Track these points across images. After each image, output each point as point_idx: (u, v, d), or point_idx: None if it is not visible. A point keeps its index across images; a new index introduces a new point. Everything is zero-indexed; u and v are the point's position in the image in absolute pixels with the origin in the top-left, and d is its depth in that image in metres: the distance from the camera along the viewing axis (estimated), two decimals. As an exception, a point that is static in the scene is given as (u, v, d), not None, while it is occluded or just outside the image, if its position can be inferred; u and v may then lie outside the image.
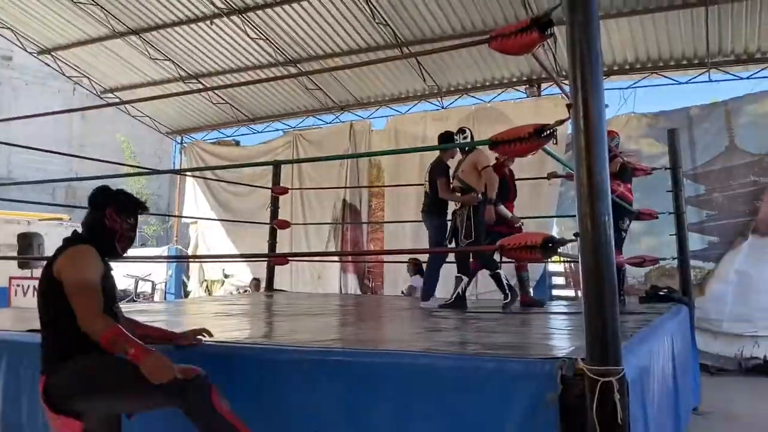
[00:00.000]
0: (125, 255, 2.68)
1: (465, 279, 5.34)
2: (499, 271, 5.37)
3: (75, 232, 2.63)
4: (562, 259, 9.00)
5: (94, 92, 12.32)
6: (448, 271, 5.63)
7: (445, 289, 6.03)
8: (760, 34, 8.27)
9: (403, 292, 9.60)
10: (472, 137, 5.66)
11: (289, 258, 8.71)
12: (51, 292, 2.45)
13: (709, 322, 8.18)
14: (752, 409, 6.17)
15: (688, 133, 8.67)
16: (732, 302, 8.18)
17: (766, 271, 8.10)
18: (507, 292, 5.32)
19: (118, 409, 2.47)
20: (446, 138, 5.54)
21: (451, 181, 5.54)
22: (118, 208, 2.58)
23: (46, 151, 6.68)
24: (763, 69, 8.72)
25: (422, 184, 5.80)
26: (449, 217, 5.63)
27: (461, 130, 5.60)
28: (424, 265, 6.42)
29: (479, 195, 5.28)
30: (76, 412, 2.36)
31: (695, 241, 8.28)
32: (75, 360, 2.38)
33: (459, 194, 5.40)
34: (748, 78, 8.86)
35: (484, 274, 6.06)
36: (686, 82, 9.37)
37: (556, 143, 4.40)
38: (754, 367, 8.03)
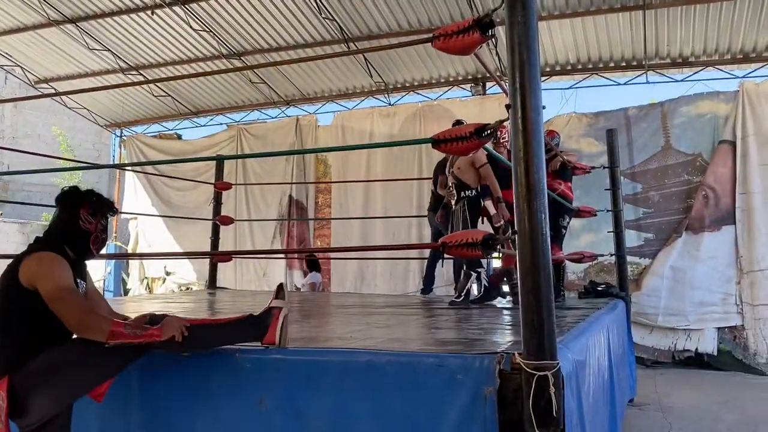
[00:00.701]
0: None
1: (474, 274, 5.26)
2: (480, 269, 5.37)
3: (45, 232, 2.60)
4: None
5: (28, 82, 11.82)
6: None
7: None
8: (694, 39, 8.60)
9: (297, 288, 9.66)
10: None
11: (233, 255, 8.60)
12: (11, 294, 2.42)
13: (645, 316, 8.47)
14: (685, 399, 6.44)
15: (626, 132, 8.95)
16: (666, 297, 8.49)
17: (698, 267, 8.44)
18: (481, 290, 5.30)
19: (89, 381, 2.42)
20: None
21: (448, 176, 5.47)
22: (93, 209, 2.57)
23: (-25, 143, 6.31)
24: (697, 72, 9.08)
25: (370, 181, 5.78)
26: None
27: (459, 122, 5.45)
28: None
29: (473, 192, 5.25)
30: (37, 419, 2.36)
31: (632, 238, 8.57)
32: (41, 356, 2.36)
33: (453, 191, 5.34)
34: (683, 80, 9.20)
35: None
36: (625, 83, 9.67)
37: (496, 142, 4.47)
38: (686, 359, 8.37)
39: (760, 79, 8.70)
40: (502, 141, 5.30)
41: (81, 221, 2.54)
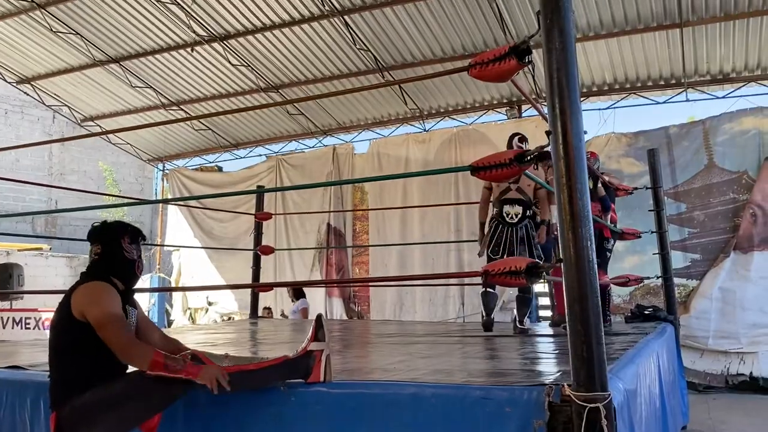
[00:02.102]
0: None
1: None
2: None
3: (89, 267, 2.69)
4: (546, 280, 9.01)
5: (74, 120, 12.25)
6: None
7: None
8: (734, 55, 8.44)
9: (284, 315, 9.63)
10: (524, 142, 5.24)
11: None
12: (63, 326, 2.51)
13: (695, 339, 8.21)
14: (741, 426, 6.19)
15: (667, 151, 8.78)
16: (716, 319, 8.23)
17: (749, 287, 8.16)
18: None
19: (136, 416, 2.44)
20: (509, 139, 5.28)
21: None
22: (131, 238, 2.71)
23: (26, 182, 6.54)
24: (738, 87, 8.89)
25: (407, 207, 5.73)
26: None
27: (517, 136, 5.28)
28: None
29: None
30: None
31: (678, 259, 8.34)
32: (88, 392, 2.40)
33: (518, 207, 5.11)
34: (723, 97, 9.02)
35: (478, 296, 5.92)
36: (664, 102, 9.52)
37: (537, 168, 4.42)
38: (740, 384, 8.06)
39: (804, 92, 8.47)
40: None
41: (125, 251, 2.66)
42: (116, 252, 2.64)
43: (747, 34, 8.03)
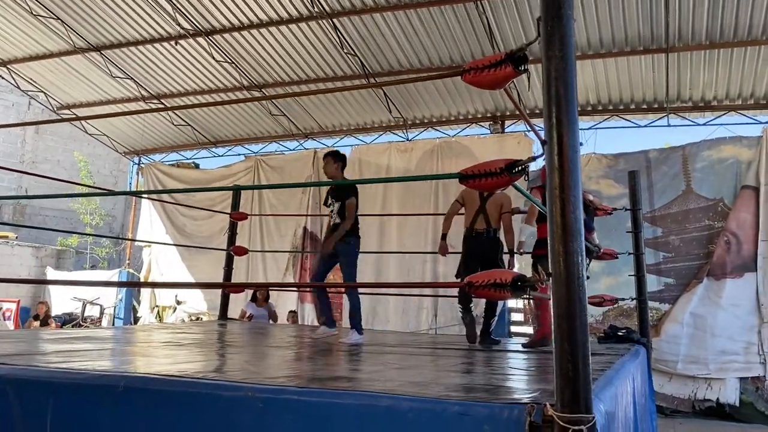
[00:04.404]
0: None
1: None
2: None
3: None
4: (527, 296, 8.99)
5: (50, 108, 11.97)
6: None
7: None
8: (716, 83, 8.54)
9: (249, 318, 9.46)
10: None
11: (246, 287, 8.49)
12: None
13: (665, 363, 8.25)
14: (707, 452, 6.18)
15: (646, 175, 8.85)
16: (686, 344, 8.28)
17: (719, 313, 8.23)
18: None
19: None
20: None
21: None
22: None
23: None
24: (719, 116, 9.00)
25: (385, 215, 5.70)
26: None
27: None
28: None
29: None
30: None
31: (652, 282, 8.37)
32: None
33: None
34: (705, 124, 9.13)
35: (451, 308, 5.91)
36: (646, 126, 9.60)
37: (527, 180, 4.36)
38: (707, 409, 8.11)
39: (784, 125, 8.60)
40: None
41: None
42: None
43: (731, 64, 8.13)
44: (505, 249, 5.40)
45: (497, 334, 6.11)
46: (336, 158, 5.51)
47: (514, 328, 9.79)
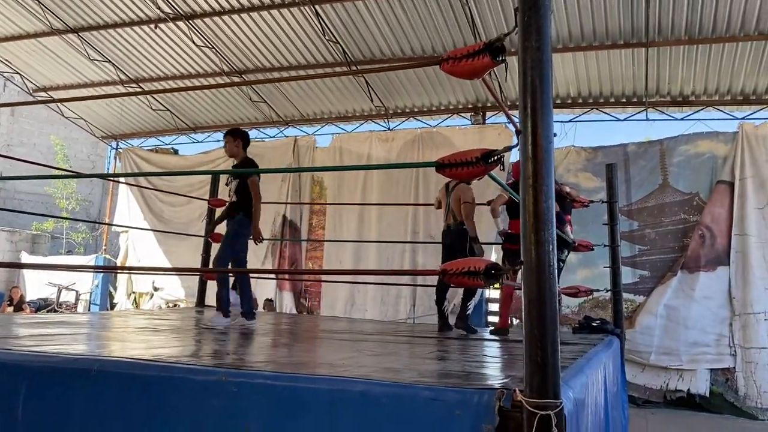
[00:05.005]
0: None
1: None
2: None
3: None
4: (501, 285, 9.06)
5: (26, 90, 11.77)
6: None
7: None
8: (695, 78, 8.64)
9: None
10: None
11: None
12: None
13: (638, 354, 8.38)
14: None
15: (624, 169, 8.94)
16: (660, 335, 8.42)
17: (693, 306, 8.38)
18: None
19: None
20: None
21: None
22: None
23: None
24: (696, 111, 9.11)
25: (365, 204, 5.72)
26: None
27: None
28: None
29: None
30: None
31: (627, 275, 8.48)
32: None
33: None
34: (682, 119, 9.24)
35: (429, 298, 5.98)
36: (625, 119, 9.68)
37: (503, 169, 4.39)
38: (678, 400, 8.26)
39: (759, 121, 8.74)
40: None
41: None
42: None
43: (709, 59, 8.23)
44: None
45: (474, 324, 6.18)
46: (236, 136, 5.37)
47: (491, 318, 9.87)
